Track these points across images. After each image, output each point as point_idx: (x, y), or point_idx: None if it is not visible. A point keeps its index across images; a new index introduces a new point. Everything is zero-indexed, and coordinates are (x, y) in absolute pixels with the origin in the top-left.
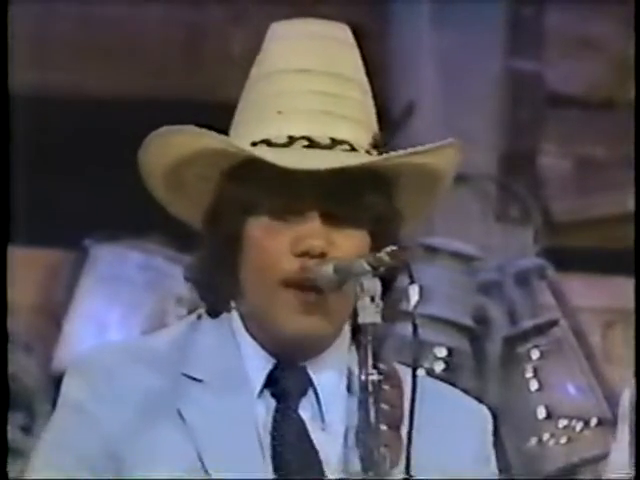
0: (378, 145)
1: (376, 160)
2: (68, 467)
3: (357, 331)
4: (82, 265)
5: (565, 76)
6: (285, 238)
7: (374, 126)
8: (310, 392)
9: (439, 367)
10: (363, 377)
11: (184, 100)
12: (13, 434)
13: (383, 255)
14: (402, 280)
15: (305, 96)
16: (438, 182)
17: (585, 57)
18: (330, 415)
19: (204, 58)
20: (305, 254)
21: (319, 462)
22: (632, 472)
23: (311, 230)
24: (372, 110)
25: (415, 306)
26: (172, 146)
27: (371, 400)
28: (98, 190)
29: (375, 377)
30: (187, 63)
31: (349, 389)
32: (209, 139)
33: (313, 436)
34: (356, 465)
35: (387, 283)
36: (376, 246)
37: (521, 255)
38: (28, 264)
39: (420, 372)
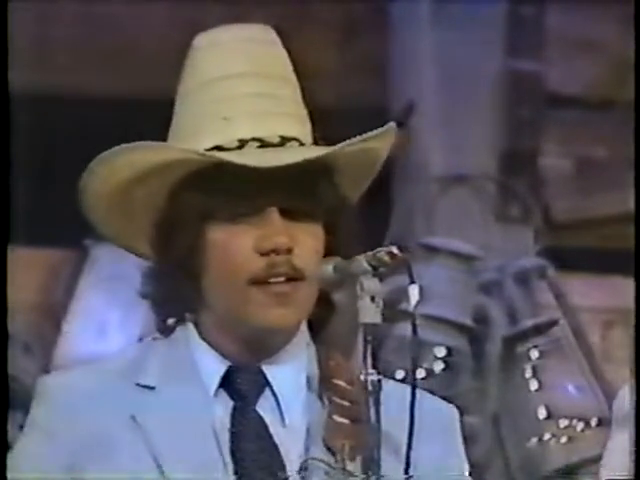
0: (316, 138)
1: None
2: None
3: (314, 327)
4: (82, 265)
5: (565, 76)
6: (248, 239)
7: (308, 120)
8: (267, 391)
9: (438, 367)
10: (363, 377)
11: None
12: (13, 434)
13: (383, 255)
14: (402, 280)
15: (246, 99)
16: (377, 163)
17: (585, 57)
18: (290, 412)
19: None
20: (272, 252)
21: (280, 458)
22: (632, 473)
23: (274, 228)
24: (303, 105)
25: (415, 306)
26: (125, 165)
27: (371, 400)
28: None
29: (375, 377)
30: None
31: (308, 384)
32: (168, 151)
33: (274, 433)
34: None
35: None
36: (329, 238)
37: (521, 255)
38: (28, 264)
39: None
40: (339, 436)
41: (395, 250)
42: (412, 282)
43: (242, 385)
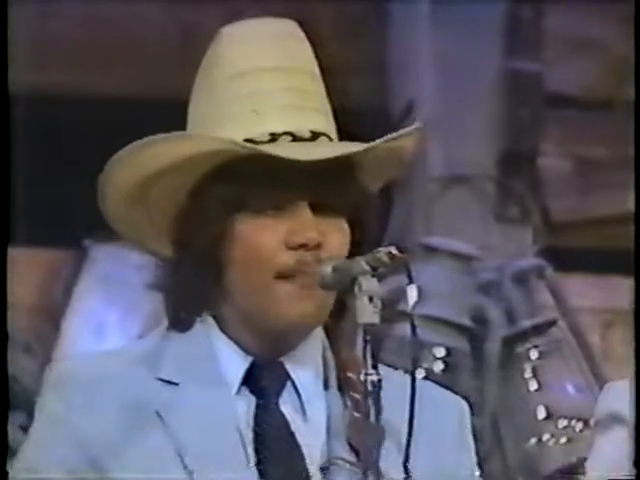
0: (341, 133)
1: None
2: (50, 474)
3: (327, 324)
4: (81, 265)
5: (564, 76)
6: (277, 232)
7: (332, 117)
8: (289, 386)
9: (438, 367)
10: (362, 377)
11: (184, 100)
12: (13, 434)
13: (382, 255)
14: (401, 280)
15: (277, 93)
16: (402, 161)
17: (585, 57)
18: (311, 407)
19: (203, 58)
20: (301, 247)
21: (301, 455)
22: (632, 473)
23: (304, 222)
24: (327, 100)
25: (413, 306)
26: (156, 156)
27: (371, 400)
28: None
29: (375, 377)
30: (186, 63)
31: (326, 380)
32: (208, 142)
33: (295, 429)
34: (339, 452)
35: None
36: (354, 235)
37: (520, 255)
38: (28, 264)
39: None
40: (360, 433)
41: (394, 250)
42: (410, 282)
43: (265, 381)
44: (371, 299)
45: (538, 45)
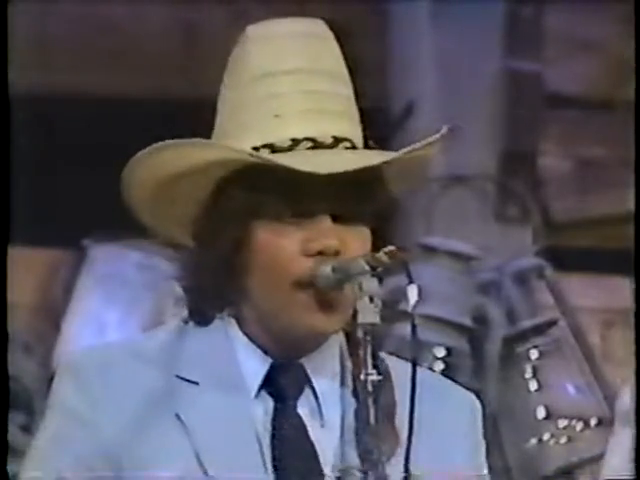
0: (367, 137)
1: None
2: (65, 470)
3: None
4: (80, 265)
5: (564, 76)
6: (296, 240)
7: (359, 118)
8: (307, 389)
9: (438, 367)
10: (363, 377)
11: (184, 100)
12: (13, 434)
13: (382, 255)
14: (401, 280)
15: (300, 96)
16: (426, 168)
17: (585, 57)
18: (328, 410)
19: (204, 58)
20: (319, 254)
21: (317, 459)
22: (632, 473)
23: (323, 230)
24: (355, 102)
25: (414, 306)
26: (175, 159)
27: (371, 400)
28: (98, 190)
29: (375, 377)
30: (187, 63)
31: (342, 384)
32: (223, 150)
33: (312, 433)
34: (353, 459)
35: None
36: (376, 241)
37: (520, 255)
38: (28, 264)
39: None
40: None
41: (394, 250)
42: (411, 282)
43: (284, 384)
44: (371, 299)
45: (538, 45)
